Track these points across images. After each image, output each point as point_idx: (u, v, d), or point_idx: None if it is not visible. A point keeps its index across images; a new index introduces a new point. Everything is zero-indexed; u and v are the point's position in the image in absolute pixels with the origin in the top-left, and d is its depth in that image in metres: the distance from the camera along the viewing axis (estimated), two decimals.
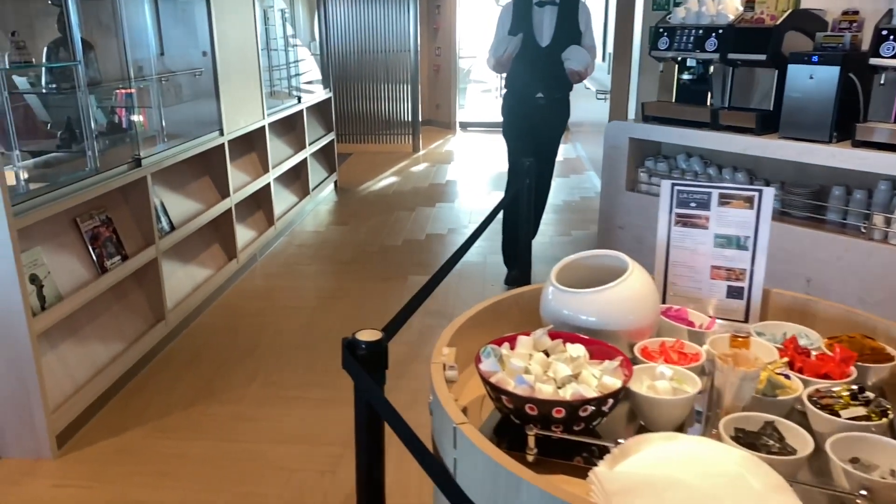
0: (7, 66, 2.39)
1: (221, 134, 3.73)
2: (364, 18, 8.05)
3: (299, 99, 5.25)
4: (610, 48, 5.57)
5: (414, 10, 7.76)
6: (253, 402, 2.72)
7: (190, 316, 3.39)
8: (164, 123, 3.24)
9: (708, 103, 3.55)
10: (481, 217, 5.33)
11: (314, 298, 3.79)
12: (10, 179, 2.36)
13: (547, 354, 1.16)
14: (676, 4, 4.32)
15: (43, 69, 2.73)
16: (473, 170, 7.13)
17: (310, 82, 6.11)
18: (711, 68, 3.50)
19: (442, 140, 8.92)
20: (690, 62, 3.53)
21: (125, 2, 2.94)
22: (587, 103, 7.12)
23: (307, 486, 2.24)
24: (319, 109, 5.92)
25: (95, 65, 2.96)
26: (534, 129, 3.77)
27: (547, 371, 1.11)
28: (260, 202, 4.49)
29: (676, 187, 1.40)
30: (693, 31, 3.38)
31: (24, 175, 2.54)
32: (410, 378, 2.86)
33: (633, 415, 1.13)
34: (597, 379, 1.07)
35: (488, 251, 4.49)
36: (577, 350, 1.15)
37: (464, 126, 9.83)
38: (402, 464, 1.88)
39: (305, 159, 5.31)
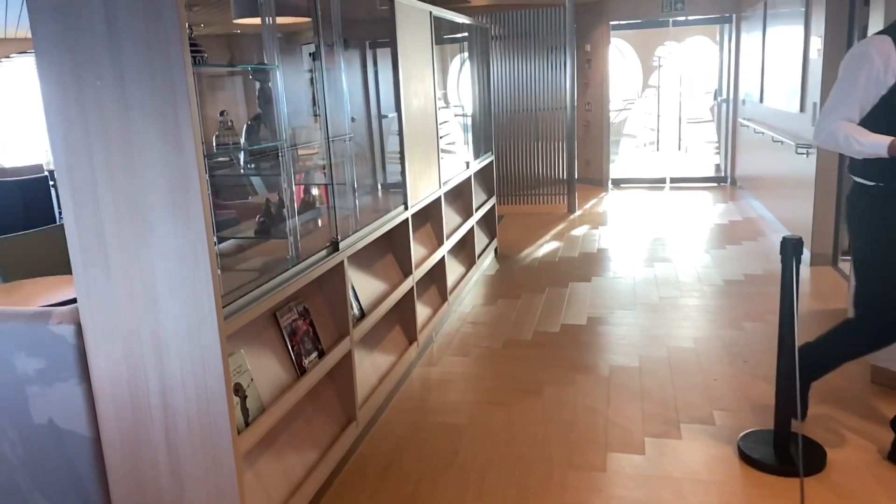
0: (215, 150, 2.18)
1: (406, 208, 3.45)
2: (518, 77, 7.81)
3: (467, 164, 4.96)
4: (815, 97, 4.89)
5: (571, 67, 7.42)
6: None
7: (377, 413, 3.05)
8: (357, 201, 2.98)
9: None
10: (672, 291, 4.69)
11: (506, 391, 3.34)
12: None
13: None
14: None
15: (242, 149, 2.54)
16: (639, 233, 6.54)
17: (461, 144, 5.84)
18: None
19: (595, 199, 8.41)
20: None
21: (289, 73, 2.72)
22: (771, 156, 6.39)
23: None
24: (482, 173, 5.62)
25: (292, 141, 2.75)
26: None
27: None
28: (434, 277, 4.17)
29: None
30: None
31: (219, 264, 2.31)
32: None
33: None
34: None
35: (667, 330, 3.89)
36: None
37: (616, 183, 9.28)
38: None
39: (472, 227, 4.98)
